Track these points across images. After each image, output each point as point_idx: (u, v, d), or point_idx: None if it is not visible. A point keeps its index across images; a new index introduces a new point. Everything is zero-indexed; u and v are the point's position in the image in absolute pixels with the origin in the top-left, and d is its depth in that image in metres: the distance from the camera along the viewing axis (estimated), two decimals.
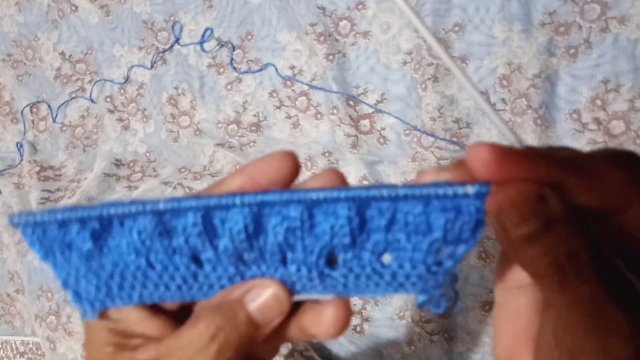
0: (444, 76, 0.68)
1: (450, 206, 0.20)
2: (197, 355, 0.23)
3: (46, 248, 0.24)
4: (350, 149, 0.71)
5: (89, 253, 0.24)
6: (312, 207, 0.22)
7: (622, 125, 0.62)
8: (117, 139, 0.85)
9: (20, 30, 0.89)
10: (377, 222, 0.22)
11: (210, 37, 0.79)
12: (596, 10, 0.61)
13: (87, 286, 0.25)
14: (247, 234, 0.23)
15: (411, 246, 0.22)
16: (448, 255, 0.22)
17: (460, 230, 0.21)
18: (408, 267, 0.22)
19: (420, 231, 0.21)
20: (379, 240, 0.22)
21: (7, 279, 0.86)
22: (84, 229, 0.23)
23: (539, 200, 0.19)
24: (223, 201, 0.22)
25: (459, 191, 0.20)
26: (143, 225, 0.23)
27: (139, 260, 0.24)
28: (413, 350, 0.62)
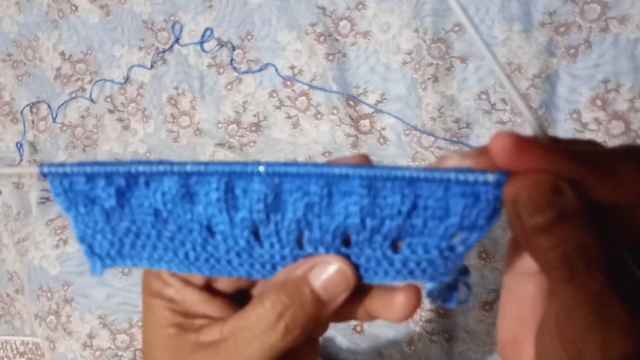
0: (444, 76, 0.68)
1: (470, 192, 0.21)
2: (264, 335, 0.23)
3: (70, 200, 0.25)
4: (350, 149, 0.71)
5: (110, 209, 0.24)
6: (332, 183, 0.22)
7: (622, 125, 0.62)
8: (117, 139, 0.85)
9: (20, 30, 0.89)
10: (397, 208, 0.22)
11: (210, 37, 0.79)
12: (596, 10, 0.61)
13: (102, 241, 0.25)
14: (266, 204, 0.23)
15: (427, 231, 0.22)
16: (461, 241, 0.22)
17: (476, 217, 0.21)
18: (421, 251, 0.22)
19: (438, 216, 0.22)
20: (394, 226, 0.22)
21: (7, 279, 0.86)
22: (110, 185, 0.24)
23: (554, 191, 0.19)
24: (248, 169, 0.22)
25: (479, 178, 0.20)
26: (168, 186, 0.23)
27: (157, 221, 0.24)
28: (413, 350, 0.62)
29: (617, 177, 0.19)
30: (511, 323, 0.25)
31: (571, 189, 0.19)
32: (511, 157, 0.19)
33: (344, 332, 0.64)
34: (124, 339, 0.72)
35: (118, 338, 0.72)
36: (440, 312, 0.62)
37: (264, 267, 0.25)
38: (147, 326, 0.26)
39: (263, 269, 0.25)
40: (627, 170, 0.19)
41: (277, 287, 0.24)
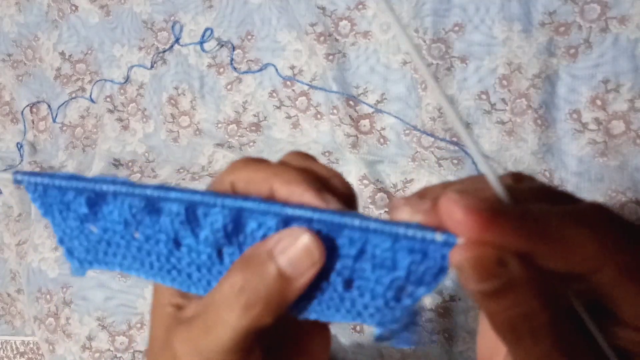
0: (444, 76, 0.68)
1: (418, 248, 0.21)
2: (226, 311, 0.22)
3: (46, 205, 0.26)
4: (350, 148, 0.71)
5: (84, 216, 0.25)
6: (288, 221, 0.23)
7: (622, 125, 0.62)
8: (116, 139, 0.85)
9: (20, 30, 0.89)
10: (347, 250, 0.22)
11: (210, 37, 0.79)
12: (596, 10, 0.61)
13: (78, 246, 0.27)
14: (226, 232, 0.23)
15: (374, 278, 0.22)
16: (408, 294, 0.22)
17: (423, 273, 0.21)
18: (368, 297, 0.23)
19: (385, 266, 0.22)
20: (346, 266, 0.23)
21: (9, 278, 0.86)
22: (80, 195, 0.25)
23: (498, 264, 0.19)
24: (205, 200, 0.23)
25: (427, 236, 0.20)
26: (134, 201, 0.24)
27: (126, 230, 0.25)
28: (413, 350, 0.62)
29: (566, 247, 0.19)
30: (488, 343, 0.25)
31: (517, 260, 0.19)
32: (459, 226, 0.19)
33: (344, 331, 0.64)
34: (122, 341, 0.72)
35: (117, 340, 0.72)
36: (440, 312, 0.62)
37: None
38: (153, 307, 0.27)
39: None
40: (578, 239, 0.19)
41: (242, 261, 0.23)
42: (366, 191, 0.68)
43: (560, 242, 0.19)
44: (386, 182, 0.69)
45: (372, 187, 0.67)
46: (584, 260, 0.19)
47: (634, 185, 0.61)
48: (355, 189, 0.70)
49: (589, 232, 0.19)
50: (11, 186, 0.87)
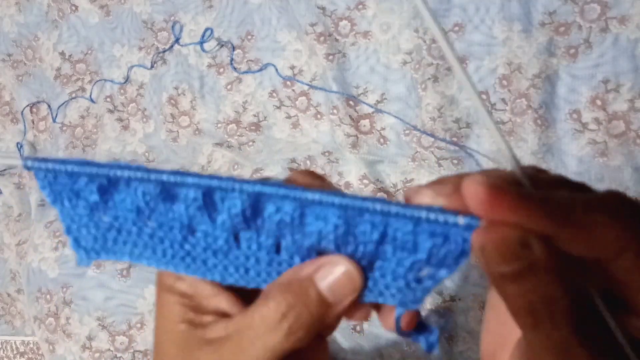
0: (444, 76, 0.68)
1: (439, 232, 0.21)
2: (267, 335, 0.23)
3: (55, 193, 0.25)
4: (350, 148, 0.71)
5: (94, 204, 0.25)
6: (305, 206, 0.22)
7: (622, 125, 0.62)
8: (116, 139, 0.85)
9: (20, 30, 0.89)
10: (368, 234, 0.22)
11: (210, 37, 0.79)
12: (596, 10, 0.61)
13: (86, 235, 0.26)
14: (245, 216, 0.23)
15: (395, 260, 0.22)
16: (429, 276, 0.22)
17: (444, 256, 0.21)
18: (389, 278, 0.23)
19: (407, 248, 0.22)
20: (368, 249, 0.23)
21: (9, 278, 0.86)
22: (92, 182, 0.24)
23: (522, 245, 0.19)
24: (223, 185, 0.23)
25: (449, 220, 0.20)
26: (148, 188, 0.24)
27: (138, 218, 0.25)
28: (413, 350, 0.62)
29: (589, 232, 0.19)
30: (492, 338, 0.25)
31: (540, 243, 0.19)
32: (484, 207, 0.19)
33: (344, 332, 0.64)
34: (122, 341, 0.72)
35: (117, 340, 0.72)
36: (440, 312, 0.62)
37: (237, 271, 0.25)
38: (159, 321, 0.27)
39: (236, 272, 0.25)
40: (600, 225, 0.19)
41: (283, 287, 0.24)
42: (366, 191, 0.68)
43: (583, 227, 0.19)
44: (386, 182, 0.69)
45: (372, 187, 0.67)
46: (605, 246, 0.19)
47: (634, 185, 0.61)
48: (355, 188, 0.70)
49: (610, 219, 0.19)
50: (11, 186, 0.87)
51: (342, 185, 0.70)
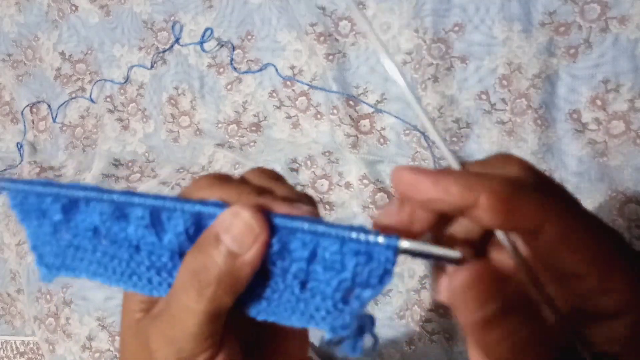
0: (444, 76, 0.68)
1: (363, 251, 0.22)
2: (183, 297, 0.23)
3: (24, 212, 0.27)
4: (350, 148, 0.71)
5: (58, 223, 0.26)
6: None
7: (622, 125, 0.62)
8: (116, 139, 0.85)
9: (20, 30, 0.89)
10: (300, 253, 0.23)
11: (210, 37, 0.79)
12: (596, 10, 0.61)
13: (49, 252, 0.28)
14: (188, 235, 0.24)
15: (325, 279, 0.23)
16: (355, 296, 0.23)
17: (368, 275, 0.22)
18: (318, 298, 0.24)
19: (335, 268, 0.23)
20: (301, 268, 0.23)
21: (9, 278, 0.86)
22: (56, 201, 0.26)
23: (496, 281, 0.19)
24: (166, 205, 0.24)
25: (369, 238, 0.21)
26: (103, 207, 0.25)
27: (94, 236, 0.26)
28: (413, 350, 0.62)
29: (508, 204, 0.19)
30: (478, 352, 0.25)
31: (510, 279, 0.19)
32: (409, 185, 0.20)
33: None
34: None
35: (117, 340, 0.72)
36: (440, 312, 0.62)
37: None
38: (122, 319, 0.27)
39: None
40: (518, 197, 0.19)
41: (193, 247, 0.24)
42: (366, 191, 0.68)
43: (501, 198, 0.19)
44: (386, 182, 0.69)
45: (372, 186, 0.67)
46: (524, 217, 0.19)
47: (634, 185, 0.61)
48: (355, 188, 0.70)
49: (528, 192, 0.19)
50: None
51: (342, 185, 0.70)
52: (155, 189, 0.77)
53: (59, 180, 0.86)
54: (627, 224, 0.60)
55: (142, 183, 0.80)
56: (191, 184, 0.26)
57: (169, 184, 0.76)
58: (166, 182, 0.77)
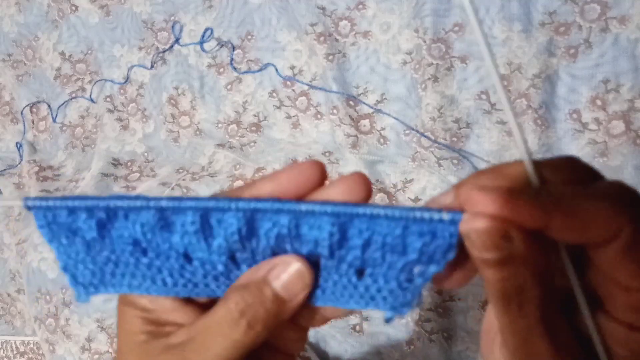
0: (444, 76, 0.68)
1: (427, 230, 0.22)
2: (228, 331, 0.25)
3: (53, 232, 0.26)
4: (350, 149, 0.71)
5: (92, 240, 0.25)
6: (299, 218, 0.24)
7: (622, 125, 0.62)
8: (115, 139, 0.85)
9: (20, 30, 0.89)
10: (356, 241, 0.23)
11: (210, 37, 0.79)
12: (596, 10, 0.61)
13: (84, 271, 0.27)
14: (241, 236, 0.24)
15: (386, 264, 0.23)
16: (419, 274, 0.23)
17: (433, 252, 0.22)
18: (381, 281, 0.24)
19: (397, 251, 0.23)
20: (357, 256, 0.24)
21: (9, 278, 0.86)
22: (91, 217, 0.25)
23: (502, 238, 0.20)
24: (220, 204, 0.24)
25: (435, 216, 0.22)
26: (146, 218, 0.24)
27: (135, 249, 0.25)
28: (412, 350, 0.62)
29: (580, 220, 0.20)
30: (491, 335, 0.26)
31: (521, 237, 0.20)
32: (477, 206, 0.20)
33: (343, 331, 0.64)
34: None
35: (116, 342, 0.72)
36: (439, 312, 0.62)
37: None
38: (121, 335, 0.28)
39: None
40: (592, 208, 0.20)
41: (240, 287, 0.25)
42: None
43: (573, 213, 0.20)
44: (386, 182, 0.69)
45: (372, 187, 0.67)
46: (596, 228, 0.20)
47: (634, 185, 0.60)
48: None
49: (602, 202, 0.20)
50: (11, 186, 0.87)
51: None
52: (156, 190, 0.77)
53: (58, 179, 0.86)
54: None
55: (141, 182, 0.80)
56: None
57: (169, 185, 0.76)
58: (166, 183, 0.77)
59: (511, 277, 0.21)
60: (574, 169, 0.23)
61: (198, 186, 0.74)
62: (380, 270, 0.24)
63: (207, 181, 0.75)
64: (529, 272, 0.21)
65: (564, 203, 0.20)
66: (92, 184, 0.80)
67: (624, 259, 0.20)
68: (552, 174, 0.22)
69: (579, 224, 0.20)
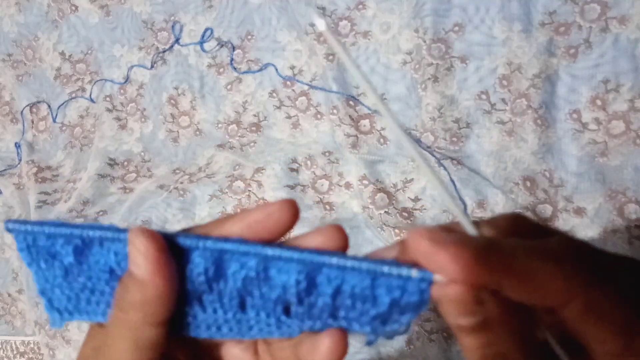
0: (444, 76, 0.68)
1: (396, 285, 0.21)
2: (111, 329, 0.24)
3: (33, 255, 0.26)
4: (350, 148, 0.71)
5: (69, 265, 0.25)
6: (267, 261, 0.23)
7: (622, 125, 0.62)
8: (113, 138, 0.85)
9: (20, 30, 0.89)
10: (324, 288, 0.23)
11: (210, 37, 0.79)
12: (596, 10, 0.61)
13: (60, 295, 0.26)
14: (207, 276, 0.24)
15: (358, 311, 0.23)
16: (393, 321, 0.23)
17: (404, 306, 0.22)
18: (356, 326, 0.23)
19: (368, 301, 0.23)
20: (327, 303, 0.23)
21: (10, 278, 0.86)
22: (68, 243, 0.25)
23: (475, 302, 0.19)
24: (187, 242, 0.23)
25: (403, 273, 0.21)
26: (119, 248, 0.24)
27: (111, 278, 0.25)
28: (412, 349, 0.62)
29: (533, 281, 0.19)
30: None
31: (493, 299, 0.19)
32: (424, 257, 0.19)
33: None
34: None
35: None
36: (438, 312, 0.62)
37: (209, 329, 0.25)
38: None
39: (208, 330, 0.26)
40: (544, 273, 0.19)
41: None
42: (366, 191, 0.68)
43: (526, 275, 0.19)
44: (386, 182, 0.69)
45: (372, 187, 0.67)
46: (550, 295, 0.19)
47: (634, 185, 0.61)
48: (355, 189, 0.70)
49: (554, 267, 0.19)
50: (11, 186, 0.87)
51: (342, 185, 0.70)
52: (153, 192, 0.77)
53: (56, 180, 0.86)
54: (626, 224, 0.60)
55: (138, 183, 0.80)
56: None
57: (167, 188, 0.76)
58: (164, 185, 0.77)
59: (491, 344, 0.20)
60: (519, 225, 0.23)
61: (196, 188, 0.74)
62: (354, 315, 0.23)
63: (205, 182, 0.75)
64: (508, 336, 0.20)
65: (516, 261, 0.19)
66: (89, 185, 0.80)
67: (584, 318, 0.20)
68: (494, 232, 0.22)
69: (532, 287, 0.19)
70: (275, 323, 0.24)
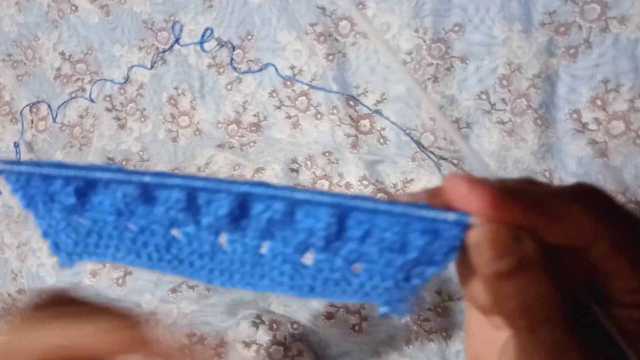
0: (444, 76, 0.68)
1: (430, 229, 0.21)
2: None
3: (29, 197, 0.24)
4: (350, 148, 0.71)
5: (71, 207, 0.24)
6: (295, 204, 0.22)
7: (622, 125, 0.62)
8: (111, 137, 0.85)
9: (20, 30, 0.89)
10: (353, 232, 0.22)
11: (210, 37, 0.79)
12: (596, 10, 0.61)
13: (66, 240, 0.25)
14: (232, 217, 0.23)
15: (384, 261, 0.22)
16: (417, 274, 0.22)
17: (434, 253, 0.21)
18: (377, 279, 0.23)
19: (395, 249, 0.22)
20: (353, 250, 0.22)
21: (10, 278, 0.86)
22: (68, 184, 0.23)
23: (514, 240, 0.19)
24: (210, 185, 0.22)
25: (440, 216, 0.20)
26: (128, 189, 0.23)
27: (118, 220, 0.24)
28: (411, 349, 0.62)
29: (564, 221, 0.20)
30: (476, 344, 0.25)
31: (530, 238, 0.19)
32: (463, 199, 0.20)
33: (343, 330, 0.64)
34: None
35: None
36: (438, 312, 0.62)
37: (222, 275, 0.25)
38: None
39: (221, 276, 0.25)
40: (573, 213, 0.20)
41: None
42: (366, 191, 0.68)
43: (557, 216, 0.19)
44: (386, 182, 0.69)
45: (372, 187, 0.67)
46: (582, 233, 0.20)
47: (634, 185, 0.61)
48: (355, 189, 0.70)
49: (583, 208, 0.20)
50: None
51: (342, 185, 0.70)
52: None
53: None
54: None
55: None
56: None
57: None
58: None
59: (531, 285, 0.19)
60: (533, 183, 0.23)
61: None
62: (377, 267, 0.22)
63: None
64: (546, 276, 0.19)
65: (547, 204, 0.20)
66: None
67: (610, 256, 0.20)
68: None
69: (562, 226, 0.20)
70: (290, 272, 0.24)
